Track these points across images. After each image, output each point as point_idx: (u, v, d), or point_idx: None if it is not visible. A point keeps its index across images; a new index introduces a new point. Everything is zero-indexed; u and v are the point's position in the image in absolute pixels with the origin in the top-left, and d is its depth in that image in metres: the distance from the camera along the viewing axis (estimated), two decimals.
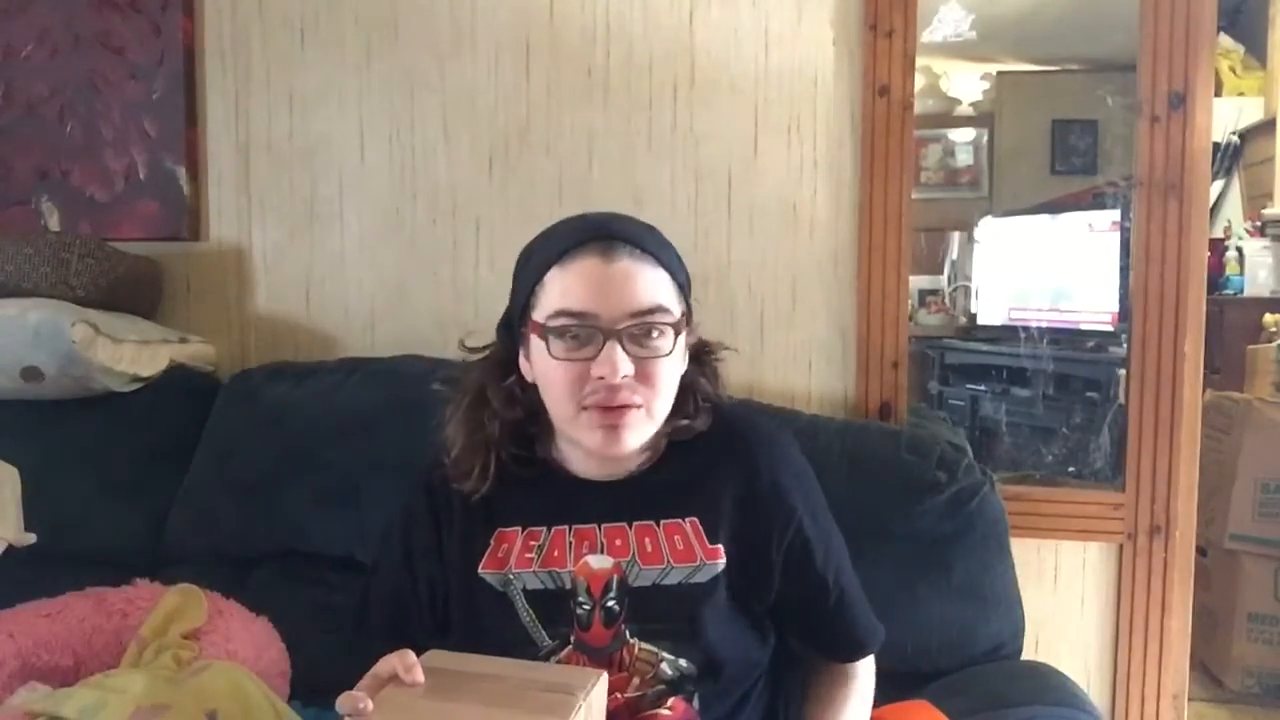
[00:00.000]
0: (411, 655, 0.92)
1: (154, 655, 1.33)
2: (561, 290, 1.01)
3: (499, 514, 1.11)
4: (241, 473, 1.70)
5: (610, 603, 1.06)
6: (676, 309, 1.04)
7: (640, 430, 1.04)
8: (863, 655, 1.19)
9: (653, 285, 1.02)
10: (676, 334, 1.03)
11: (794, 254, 1.77)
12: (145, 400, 1.78)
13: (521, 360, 1.09)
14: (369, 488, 1.62)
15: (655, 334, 1.01)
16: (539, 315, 1.03)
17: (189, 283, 1.99)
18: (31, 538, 1.57)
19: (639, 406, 1.02)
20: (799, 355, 1.77)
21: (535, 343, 1.04)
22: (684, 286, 1.07)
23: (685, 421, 1.10)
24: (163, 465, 1.76)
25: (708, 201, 1.79)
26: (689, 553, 1.07)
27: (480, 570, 1.09)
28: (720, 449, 1.11)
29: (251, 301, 1.97)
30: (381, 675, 0.92)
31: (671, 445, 1.11)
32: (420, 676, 0.90)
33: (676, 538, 1.08)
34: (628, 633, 1.06)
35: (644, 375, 1.01)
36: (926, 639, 1.44)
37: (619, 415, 1.01)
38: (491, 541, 1.10)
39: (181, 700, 1.17)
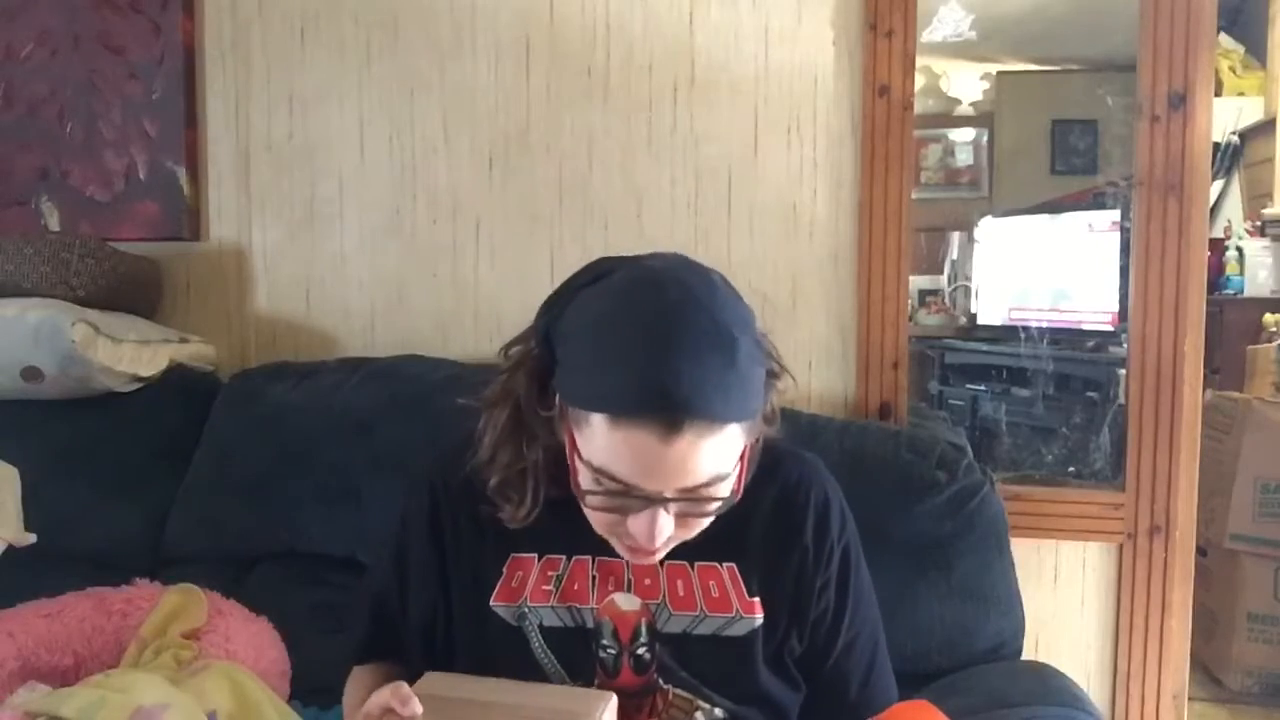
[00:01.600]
0: (405, 687, 0.84)
1: (154, 655, 1.33)
2: (608, 450, 0.85)
3: (514, 537, 0.99)
4: (241, 473, 1.70)
5: (640, 650, 0.98)
6: (738, 453, 0.88)
7: (670, 548, 0.94)
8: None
9: (715, 458, 0.85)
10: (737, 483, 0.90)
11: (794, 254, 1.77)
12: (145, 400, 1.78)
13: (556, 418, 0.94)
14: (369, 488, 1.62)
15: (706, 500, 0.88)
16: (580, 443, 0.88)
17: (189, 283, 1.99)
18: (31, 538, 1.56)
19: (673, 542, 0.92)
20: (799, 355, 1.77)
21: (573, 458, 0.90)
22: (759, 408, 0.90)
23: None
24: (163, 465, 1.76)
25: (708, 201, 1.79)
26: (725, 602, 0.99)
27: (492, 603, 1.01)
28: (765, 493, 1.01)
29: (251, 301, 1.97)
30: (373, 713, 0.84)
31: None
32: (417, 709, 0.83)
33: (712, 583, 0.99)
34: (660, 680, 0.99)
35: (686, 525, 0.90)
36: (926, 639, 1.44)
37: (650, 554, 0.92)
38: (504, 569, 1.01)
39: (181, 700, 1.17)
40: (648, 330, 0.84)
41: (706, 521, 0.92)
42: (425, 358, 1.78)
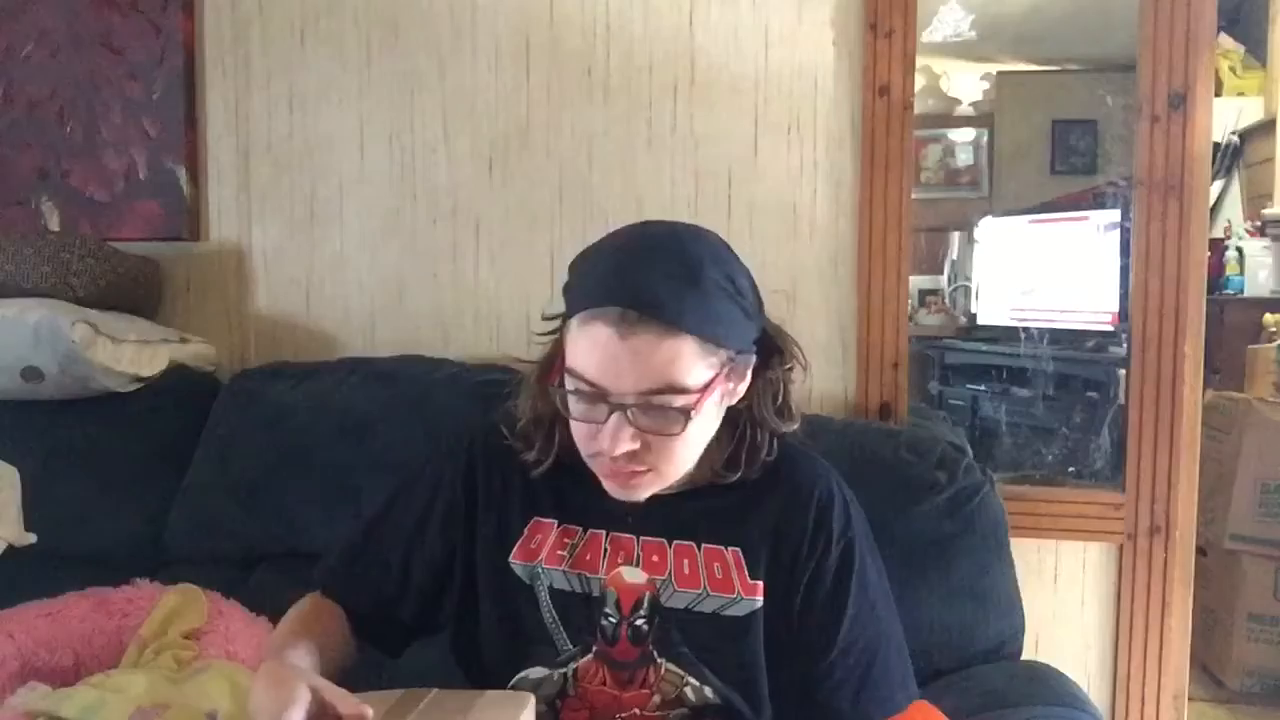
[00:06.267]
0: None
1: (154, 655, 1.33)
2: (577, 350, 0.95)
3: (538, 502, 1.07)
4: (241, 473, 1.70)
5: (639, 621, 1.03)
6: (700, 377, 0.94)
7: (652, 487, 1.00)
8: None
9: (668, 362, 0.92)
10: (696, 405, 0.94)
11: (794, 254, 1.77)
12: (145, 400, 1.78)
13: None
14: (369, 488, 1.61)
15: (663, 414, 0.94)
16: (567, 353, 0.97)
17: (189, 283, 1.99)
18: (31, 538, 1.57)
19: (647, 470, 0.97)
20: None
21: (560, 371, 0.99)
22: (725, 338, 0.95)
23: (735, 476, 1.03)
24: (163, 465, 1.76)
25: (708, 201, 1.79)
26: (727, 583, 1.03)
27: (510, 559, 1.06)
28: (772, 486, 1.05)
29: (251, 301, 1.97)
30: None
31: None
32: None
33: (716, 565, 1.04)
34: (655, 653, 1.03)
35: (650, 447, 0.96)
36: (926, 639, 1.44)
37: (626, 477, 0.98)
38: (525, 530, 1.07)
39: (181, 700, 1.18)
40: (621, 248, 0.98)
41: (676, 449, 0.96)
42: (425, 358, 1.78)
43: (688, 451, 0.99)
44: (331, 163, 1.91)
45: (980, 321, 3.98)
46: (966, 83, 4.27)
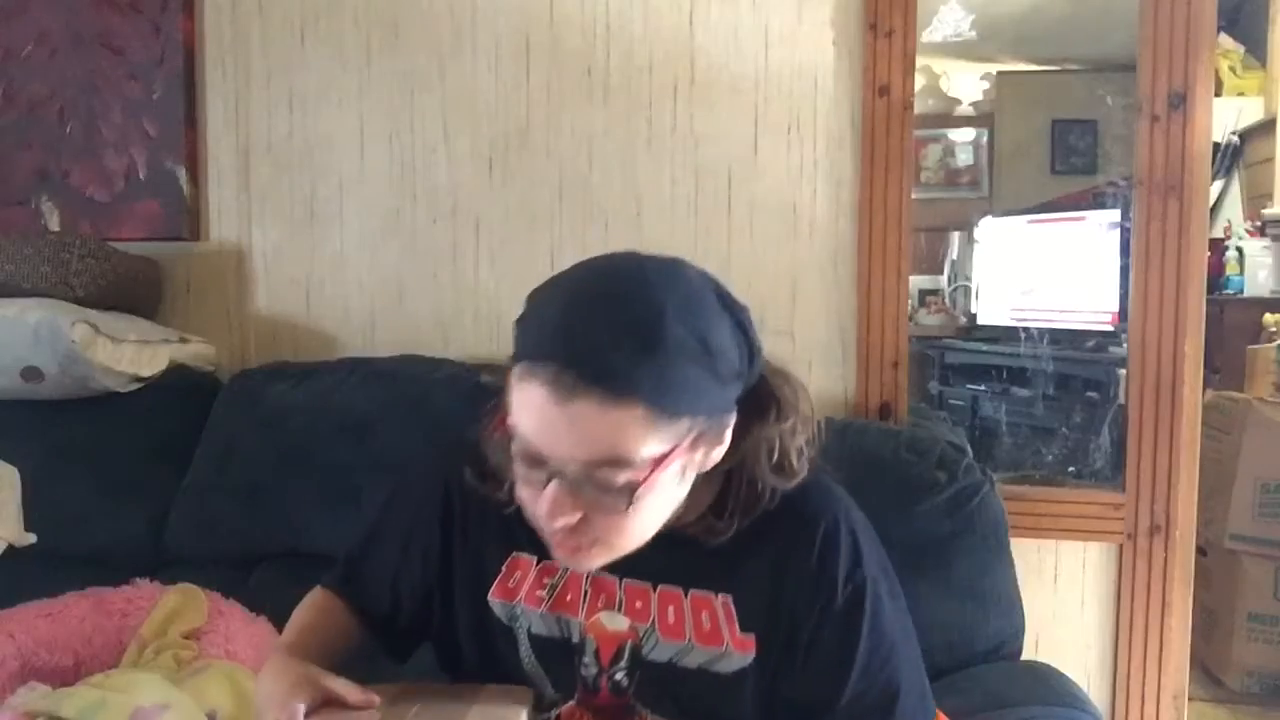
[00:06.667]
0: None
1: (154, 655, 1.33)
2: (517, 405, 0.83)
3: (517, 536, 0.98)
4: (241, 473, 1.70)
5: (619, 675, 0.95)
6: (651, 450, 0.81)
7: (601, 559, 0.89)
8: None
9: (610, 433, 0.79)
10: (646, 481, 0.82)
11: (794, 254, 1.77)
12: (145, 400, 1.78)
13: None
14: (369, 488, 1.61)
15: (607, 490, 0.82)
16: (510, 404, 0.86)
17: (189, 283, 1.99)
18: (31, 538, 1.57)
19: (593, 543, 0.87)
20: (799, 355, 1.76)
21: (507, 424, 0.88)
22: (686, 407, 0.82)
23: (729, 532, 0.91)
24: (163, 465, 1.76)
25: (708, 201, 1.79)
26: (715, 635, 0.93)
27: (489, 597, 1.00)
28: (772, 522, 0.93)
29: (251, 301, 1.97)
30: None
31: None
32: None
33: (704, 614, 0.94)
34: (639, 705, 0.96)
35: (592, 521, 0.85)
36: (926, 639, 1.42)
37: (571, 549, 0.88)
38: (504, 567, 1.00)
39: (181, 700, 1.18)
40: (574, 291, 0.84)
41: (625, 525, 0.86)
42: (425, 358, 1.79)
43: (641, 527, 0.87)
44: (331, 163, 1.91)
45: (980, 321, 3.99)
46: (966, 83, 4.28)
